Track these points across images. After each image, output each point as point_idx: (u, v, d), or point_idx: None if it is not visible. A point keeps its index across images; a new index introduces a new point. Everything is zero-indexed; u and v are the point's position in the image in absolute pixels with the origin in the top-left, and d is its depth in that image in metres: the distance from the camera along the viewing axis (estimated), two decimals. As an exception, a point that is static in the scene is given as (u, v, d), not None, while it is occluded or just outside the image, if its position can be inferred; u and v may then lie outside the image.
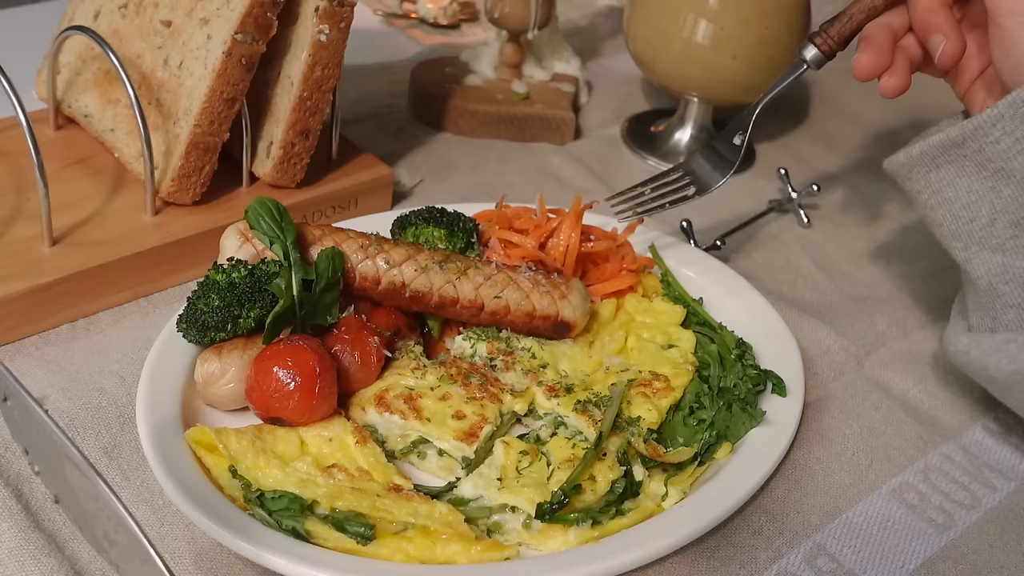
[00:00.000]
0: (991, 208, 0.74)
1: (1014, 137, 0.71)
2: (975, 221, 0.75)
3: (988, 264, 0.75)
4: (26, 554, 0.67)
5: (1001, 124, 0.71)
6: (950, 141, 0.75)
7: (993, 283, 0.75)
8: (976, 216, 0.75)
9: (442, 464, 0.76)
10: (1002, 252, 0.74)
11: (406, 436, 0.77)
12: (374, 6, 1.53)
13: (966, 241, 0.76)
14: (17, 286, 0.83)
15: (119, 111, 0.98)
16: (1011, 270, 0.74)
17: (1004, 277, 0.74)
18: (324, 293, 0.78)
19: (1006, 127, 0.71)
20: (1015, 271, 0.74)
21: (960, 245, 0.77)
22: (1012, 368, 0.74)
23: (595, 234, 0.95)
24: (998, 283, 0.74)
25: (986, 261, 0.75)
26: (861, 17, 0.83)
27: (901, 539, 0.76)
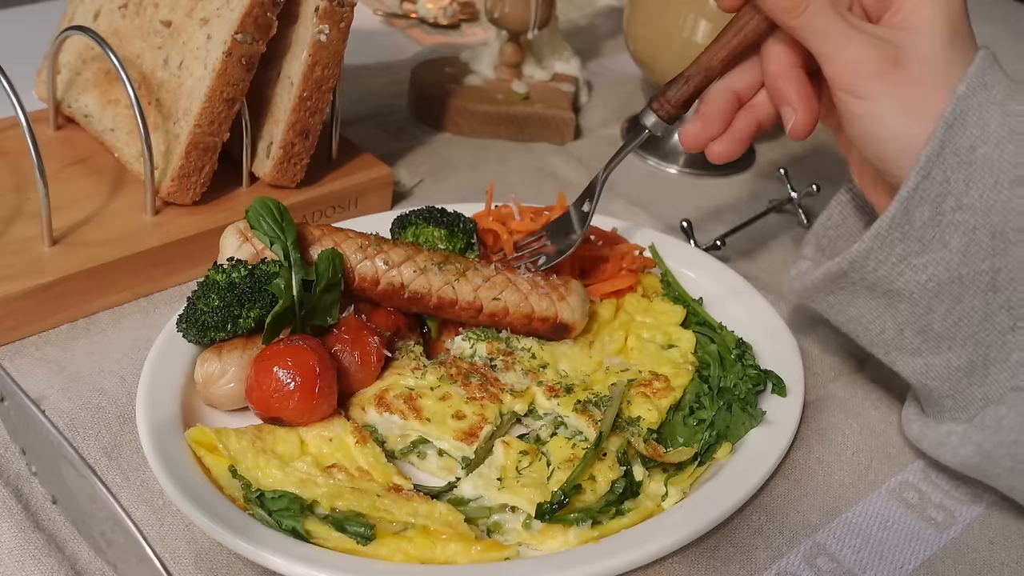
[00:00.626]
0: (894, 322, 0.74)
1: (888, 264, 0.70)
2: (884, 333, 0.75)
3: (911, 365, 0.75)
4: (26, 554, 0.67)
5: (873, 256, 0.71)
6: (832, 275, 0.74)
7: (922, 380, 0.75)
8: (884, 329, 0.75)
9: (442, 464, 0.76)
10: (920, 355, 0.74)
11: (406, 436, 0.77)
12: (374, 6, 1.53)
13: (884, 348, 0.76)
14: (17, 286, 0.83)
15: (119, 111, 0.98)
16: (933, 368, 0.74)
17: (929, 375, 0.74)
18: (324, 294, 0.78)
19: (878, 257, 0.70)
20: (937, 368, 0.73)
21: (880, 351, 0.77)
22: (956, 460, 0.75)
23: (594, 234, 0.95)
24: (926, 380, 0.75)
25: (908, 363, 0.75)
26: (698, 79, 0.79)
27: (901, 538, 0.76)
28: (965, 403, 0.74)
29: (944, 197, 0.67)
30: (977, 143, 0.66)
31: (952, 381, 0.73)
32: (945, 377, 0.73)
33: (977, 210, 0.67)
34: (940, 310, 0.71)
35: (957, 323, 0.71)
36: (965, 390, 0.73)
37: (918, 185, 0.67)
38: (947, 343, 0.72)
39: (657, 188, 1.18)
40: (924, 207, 0.68)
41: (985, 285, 0.69)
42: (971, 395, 0.73)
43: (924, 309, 0.71)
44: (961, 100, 0.66)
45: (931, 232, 0.68)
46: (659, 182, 1.20)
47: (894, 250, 0.70)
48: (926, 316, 0.71)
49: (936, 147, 0.66)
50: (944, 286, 0.70)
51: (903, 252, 0.70)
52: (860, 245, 0.71)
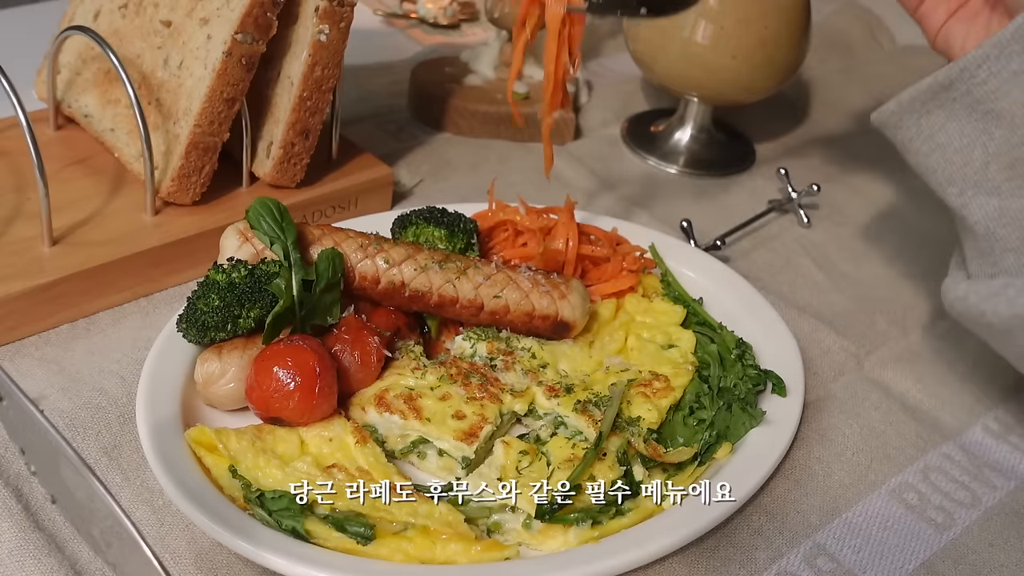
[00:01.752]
0: (984, 151, 0.72)
1: (1000, 78, 0.69)
2: (969, 165, 0.73)
3: (984, 208, 0.73)
4: (26, 554, 0.67)
5: (987, 65, 0.69)
6: (937, 85, 0.73)
7: (991, 227, 0.73)
8: (969, 160, 0.73)
9: (442, 464, 0.76)
10: (998, 195, 0.72)
11: (406, 436, 0.77)
12: (374, 6, 1.53)
13: (961, 186, 0.74)
14: (17, 286, 0.83)
15: (119, 111, 0.98)
16: (1008, 213, 0.72)
17: (1001, 221, 0.72)
18: (324, 294, 0.78)
19: (991, 68, 0.69)
20: (1012, 214, 0.72)
21: (956, 191, 0.75)
22: (1010, 312, 0.72)
23: (595, 234, 0.95)
24: (995, 227, 0.73)
25: (982, 205, 0.73)
26: None
27: (901, 539, 0.76)
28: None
29: None
30: None
31: (1022, 230, 0.71)
32: (1017, 224, 0.71)
33: None
34: None
35: None
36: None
37: None
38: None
39: (657, 188, 1.18)
40: None
41: None
42: None
43: (1021, 138, 0.70)
44: None
45: None
46: (659, 182, 1.20)
47: (1010, 64, 0.68)
48: (1020, 147, 0.70)
49: None
50: None
51: (1018, 67, 0.68)
52: (977, 51, 0.69)
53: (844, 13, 1.63)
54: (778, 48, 1.10)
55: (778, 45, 1.10)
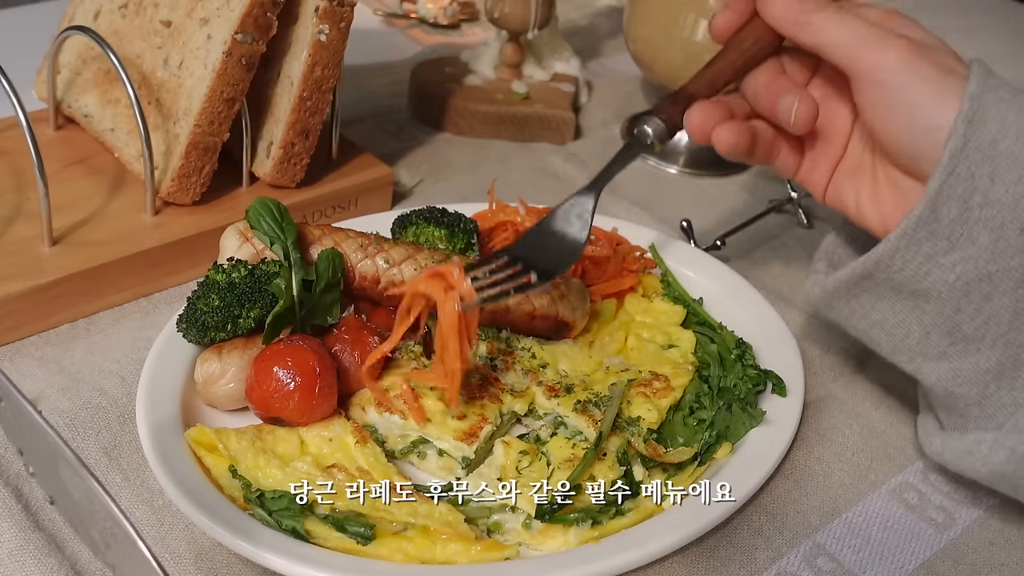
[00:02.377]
0: (920, 324, 0.72)
1: (915, 263, 0.69)
2: (910, 337, 0.73)
3: (937, 372, 0.73)
4: (26, 554, 0.67)
5: (899, 254, 0.69)
6: (856, 276, 0.73)
7: (948, 388, 0.73)
8: (909, 332, 0.73)
9: (442, 464, 0.76)
10: (946, 359, 0.72)
11: (406, 436, 0.77)
12: (374, 6, 1.53)
13: (909, 355, 0.75)
14: (17, 286, 0.83)
15: (119, 111, 0.98)
16: (961, 373, 0.72)
17: (956, 381, 0.72)
18: (324, 294, 0.78)
19: (904, 256, 0.69)
20: (965, 373, 0.72)
21: (904, 359, 0.75)
22: (987, 470, 0.72)
23: (595, 234, 0.95)
24: (952, 387, 0.73)
25: (934, 369, 0.73)
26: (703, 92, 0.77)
27: (901, 538, 0.76)
28: (993, 410, 0.72)
29: (971, 193, 0.66)
30: (998, 137, 0.66)
31: (980, 386, 0.72)
32: (973, 382, 0.72)
33: (1004, 205, 0.66)
34: (969, 310, 0.69)
35: (986, 323, 0.69)
36: (993, 395, 0.71)
37: (945, 181, 0.66)
38: (975, 345, 0.70)
39: (657, 188, 1.18)
40: (951, 204, 0.67)
41: (1015, 282, 0.68)
42: (1000, 400, 0.71)
43: (952, 309, 0.70)
44: (975, 98, 0.66)
45: (959, 229, 0.67)
46: (659, 182, 1.20)
47: (921, 249, 0.68)
48: (954, 316, 0.70)
49: (959, 142, 0.66)
50: (973, 284, 0.68)
51: (930, 251, 0.68)
52: (886, 244, 0.70)
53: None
54: (778, 48, 1.10)
55: (778, 45, 1.10)
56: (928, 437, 0.78)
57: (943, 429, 0.77)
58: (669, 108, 0.77)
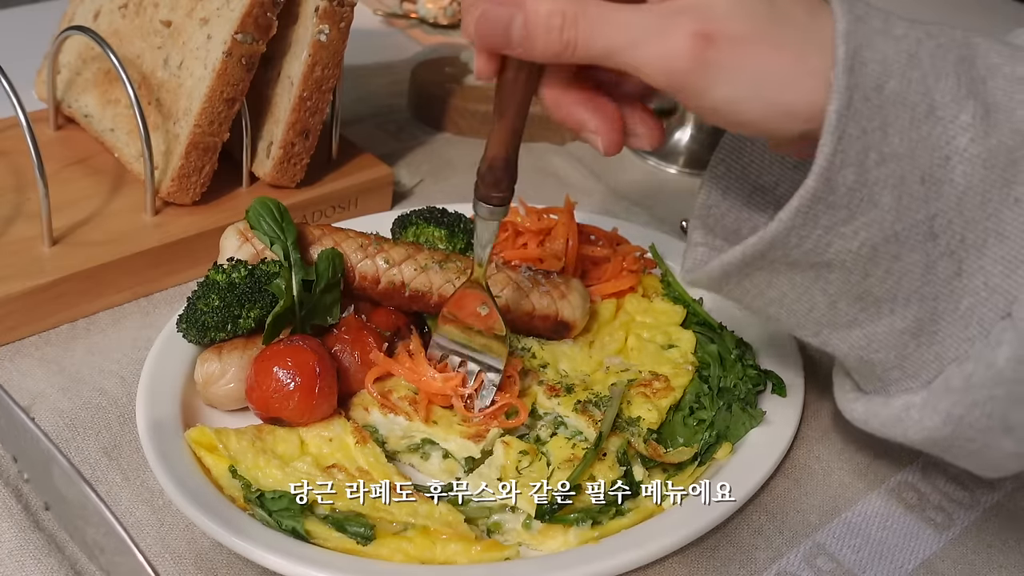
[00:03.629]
0: (825, 295, 0.64)
1: (814, 238, 0.60)
2: (814, 310, 0.65)
3: (848, 340, 0.66)
4: (26, 554, 0.67)
5: (795, 232, 0.60)
6: (747, 257, 0.63)
7: (863, 355, 0.66)
8: (813, 305, 0.65)
9: (444, 467, 0.76)
10: (858, 326, 0.65)
11: (410, 437, 0.77)
12: (374, 6, 1.53)
13: (814, 328, 0.67)
14: (17, 286, 0.83)
15: (119, 111, 0.98)
16: (875, 338, 0.65)
17: (871, 347, 0.65)
18: (324, 294, 0.78)
19: (801, 234, 0.60)
20: (880, 337, 0.65)
21: (809, 332, 0.67)
22: (921, 436, 0.65)
23: (595, 234, 0.95)
24: (867, 354, 0.66)
25: (844, 338, 0.66)
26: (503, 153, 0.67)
27: (900, 538, 0.76)
28: (915, 369, 0.65)
29: (866, 153, 0.58)
30: (882, 79, 0.57)
31: (898, 348, 0.65)
32: (890, 345, 0.65)
33: (902, 157, 0.58)
34: (877, 273, 0.62)
35: (898, 282, 0.62)
36: (914, 354, 0.64)
37: (835, 149, 0.57)
38: (888, 306, 0.63)
39: (657, 188, 1.18)
40: (846, 171, 0.58)
41: (923, 235, 0.60)
42: (922, 358, 0.64)
43: (860, 275, 0.62)
44: (848, 37, 0.57)
45: (858, 195, 0.59)
46: (659, 182, 1.20)
47: (819, 222, 0.60)
48: (863, 282, 0.63)
49: (843, 98, 0.56)
50: (880, 247, 0.61)
51: (829, 222, 0.60)
52: (778, 224, 0.60)
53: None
54: (778, 48, 1.10)
55: (778, 45, 1.10)
56: (848, 402, 0.70)
57: (863, 392, 0.70)
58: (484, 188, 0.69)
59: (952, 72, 0.58)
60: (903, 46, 0.57)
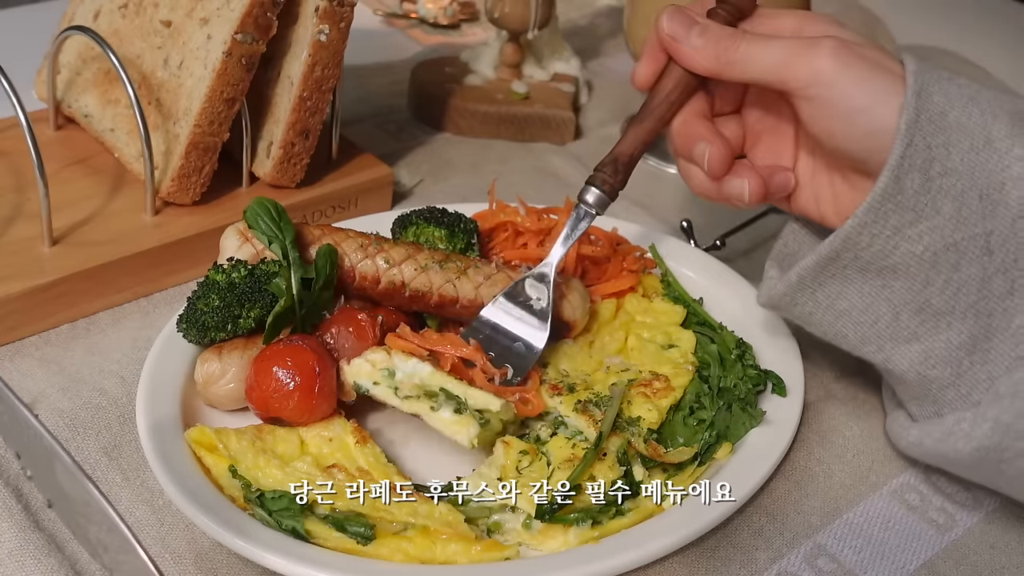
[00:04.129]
0: (889, 304, 0.72)
1: (883, 238, 0.69)
2: (879, 321, 0.73)
3: (908, 356, 0.72)
4: (26, 554, 0.67)
5: (867, 229, 0.69)
6: (823, 259, 0.72)
7: (921, 372, 0.72)
8: (878, 316, 0.73)
9: (455, 420, 0.74)
10: (917, 340, 0.72)
11: (428, 386, 0.75)
12: (374, 6, 1.53)
13: (878, 343, 0.74)
14: (17, 286, 0.83)
15: (119, 111, 0.98)
16: (933, 353, 0.71)
17: (928, 363, 0.72)
18: (323, 291, 0.79)
19: (873, 232, 0.69)
20: (937, 352, 0.71)
21: (873, 348, 0.74)
22: (970, 448, 0.70)
23: (595, 234, 0.95)
24: (925, 370, 0.72)
25: (905, 354, 0.73)
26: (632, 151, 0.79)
27: (902, 539, 0.76)
28: (968, 388, 0.71)
29: (930, 163, 0.67)
30: (946, 108, 0.67)
31: (953, 364, 0.71)
32: (946, 361, 0.71)
33: (962, 173, 0.67)
34: (938, 282, 0.69)
35: (956, 294, 0.69)
36: (968, 372, 0.71)
37: (904, 152, 0.67)
38: (946, 319, 0.70)
39: (657, 188, 1.18)
40: (913, 174, 0.67)
41: (980, 249, 0.68)
42: (975, 376, 0.71)
43: (921, 283, 0.70)
44: (917, 74, 0.67)
45: (923, 199, 0.68)
46: (659, 182, 1.19)
47: (888, 222, 0.69)
48: (924, 291, 0.70)
49: (912, 114, 0.66)
50: (940, 255, 0.69)
51: (897, 223, 0.69)
52: (853, 220, 0.70)
53: (844, 13, 1.63)
54: (778, 48, 1.10)
55: (778, 45, 1.10)
56: (902, 431, 0.77)
57: (916, 421, 0.76)
58: (605, 175, 0.79)
59: (1006, 117, 0.67)
60: (964, 91, 0.68)
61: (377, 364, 0.75)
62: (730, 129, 0.80)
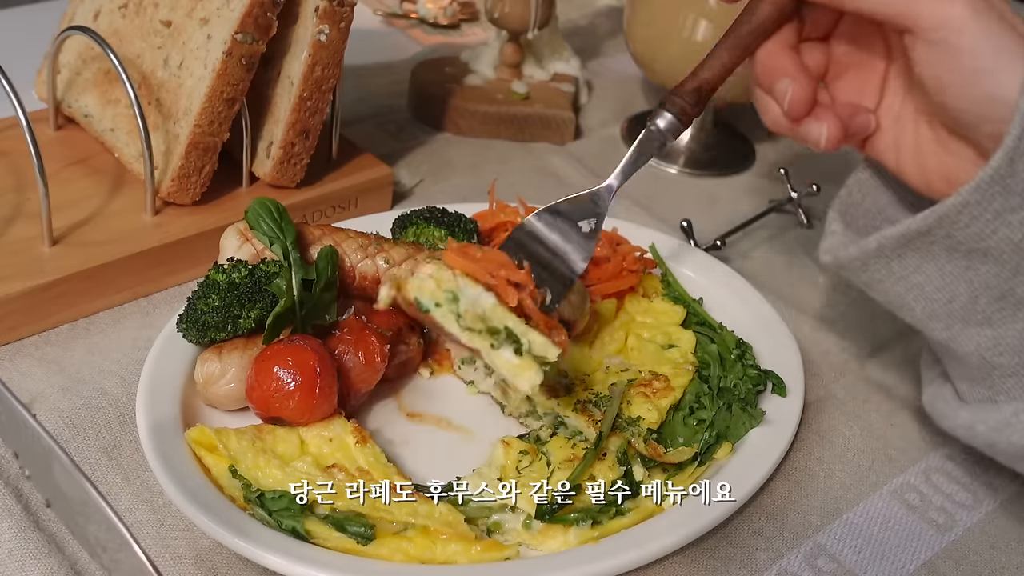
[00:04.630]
0: (969, 287, 0.67)
1: (983, 220, 0.64)
2: (954, 301, 0.68)
3: (977, 339, 0.68)
4: (26, 554, 0.67)
5: (967, 210, 0.64)
6: (912, 232, 0.67)
7: (986, 356, 0.68)
8: (954, 296, 0.68)
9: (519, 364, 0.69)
10: (990, 326, 0.67)
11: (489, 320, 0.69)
12: (374, 6, 1.53)
13: (947, 321, 0.69)
14: (17, 286, 0.83)
15: (119, 111, 0.98)
16: (1004, 341, 0.68)
17: (997, 350, 0.68)
18: (323, 293, 0.78)
19: (973, 212, 0.64)
20: (1009, 341, 0.68)
21: (940, 325, 0.70)
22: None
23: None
24: (991, 356, 0.68)
25: (973, 336, 0.68)
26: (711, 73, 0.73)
27: (902, 539, 0.76)
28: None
29: None
30: None
31: (1021, 355, 0.67)
32: (1016, 350, 0.67)
33: None
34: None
35: None
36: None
37: (1022, 134, 0.61)
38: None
39: (657, 188, 1.18)
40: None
41: None
42: None
43: (1011, 271, 0.65)
44: None
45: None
46: (659, 182, 1.20)
47: (992, 205, 0.64)
48: (1011, 279, 0.66)
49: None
50: None
51: (1001, 207, 0.64)
52: (956, 199, 0.64)
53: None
54: (778, 48, 1.10)
55: (778, 45, 1.10)
56: (949, 411, 0.73)
57: (965, 402, 0.72)
58: (685, 103, 0.74)
59: None
60: None
61: (442, 284, 0.68)
62: (814, 57, 0.74)
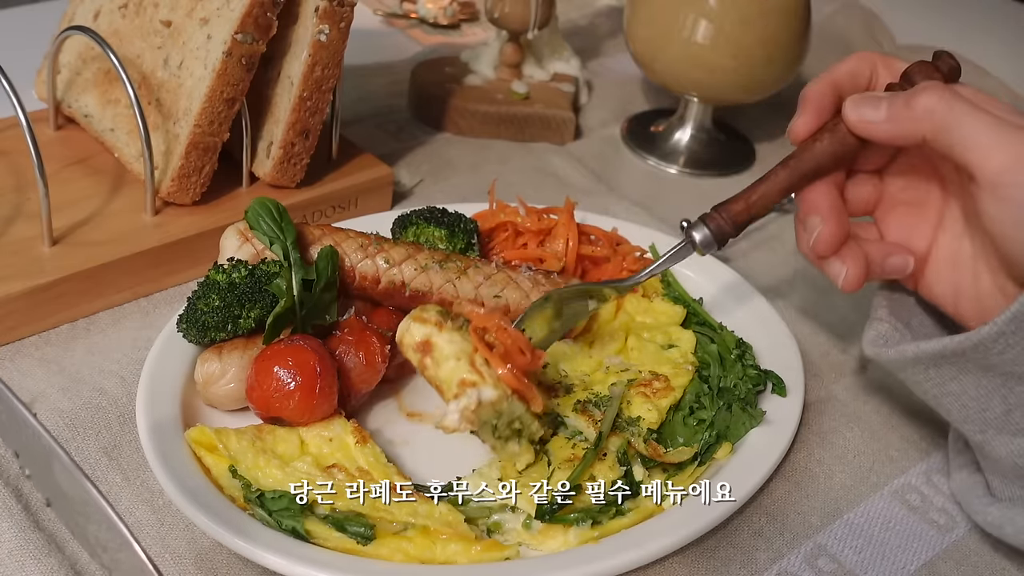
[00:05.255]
0: (1004, 402, 0.67)
1: (1018, 349, 0.64)
2: (988, 411, 0.68)
3: (1009, 447, 0.68)
4: (26, 554, 0.67)
5: (1003, 339, 0.64)
6: (948, 352, 0.67)
7: (1018, 463, 0.69)
8: (988, 407, 0.68)
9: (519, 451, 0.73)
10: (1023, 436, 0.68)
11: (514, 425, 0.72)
12: (374, 6, 1.53)
13: (980, 426, 0.69)
14: (17, 286, 0.83)
15: (119, 111, 0.98)
16: None
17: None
18: (323, 293, 0.78)
19: (1009, 340, 0.64)
20: None
21: (974, 428, 0.70)
22: None
23: (595, 234, 0.95)
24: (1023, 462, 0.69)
25: (1007, 444, 0.68)
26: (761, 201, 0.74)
27: (902, 540, 0.76)
28: None
29: None
30: None
31: None
32: None
33: None
34: None
35: None
36: None
37: None
38: None
39: (657, 188, 1.18)
40: None
41: None
42: None
43: None
44: None
45: None
46: (659, 182, 1.19)
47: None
48: None
49: None
50: None
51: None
52: (991, 328, 0.64)
53: (844, 13, 1.63)
54: (778, 48, 1.10)
55: (778, 45, 1.10)
56: (980, 506, 0.73)
57: (996, 498, 0.73)
58: (724, 222, 0.75)
59: None
60: None
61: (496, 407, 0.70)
62: (864, 190, 0.75)
